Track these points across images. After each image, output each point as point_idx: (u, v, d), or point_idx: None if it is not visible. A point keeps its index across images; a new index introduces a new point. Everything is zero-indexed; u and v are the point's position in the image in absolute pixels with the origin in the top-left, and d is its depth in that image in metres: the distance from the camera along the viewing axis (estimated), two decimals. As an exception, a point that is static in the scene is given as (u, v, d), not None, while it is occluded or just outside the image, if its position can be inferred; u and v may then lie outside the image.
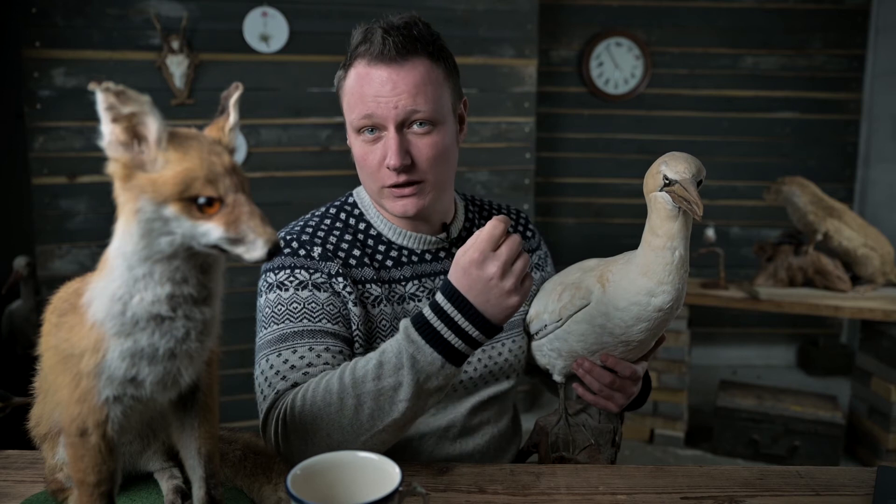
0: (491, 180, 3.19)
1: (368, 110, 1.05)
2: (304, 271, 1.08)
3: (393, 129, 1.05)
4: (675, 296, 0.99)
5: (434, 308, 0.91)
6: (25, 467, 0.99)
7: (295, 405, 0.94)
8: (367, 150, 1.09)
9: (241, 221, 0.61)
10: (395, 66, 1.04)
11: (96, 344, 0.65)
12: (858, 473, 1.00)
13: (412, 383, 0.89)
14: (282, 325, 1.04)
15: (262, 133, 2.90)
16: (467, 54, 3.06)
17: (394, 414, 0.91)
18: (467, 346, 0.91)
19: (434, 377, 0.90)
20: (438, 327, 0.90)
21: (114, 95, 0.59)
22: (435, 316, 0.91)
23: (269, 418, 0.98)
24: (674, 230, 0.97)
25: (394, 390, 0.90)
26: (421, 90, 1.05)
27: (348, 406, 0.91)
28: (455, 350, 0.90)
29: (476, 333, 0.90)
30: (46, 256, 2.76)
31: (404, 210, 1.10)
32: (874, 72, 3.95)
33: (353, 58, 1.08)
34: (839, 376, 3.94)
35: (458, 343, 0.90)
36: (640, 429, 3.13)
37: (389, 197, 1.10)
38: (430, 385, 0.90)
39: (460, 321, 0.90)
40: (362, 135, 1.08)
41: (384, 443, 0.94)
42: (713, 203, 3.98)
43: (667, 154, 0.97)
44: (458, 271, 0.91)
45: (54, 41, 2.68)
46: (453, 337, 0.90)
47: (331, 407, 0.91)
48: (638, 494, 0.94)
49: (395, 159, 1.05)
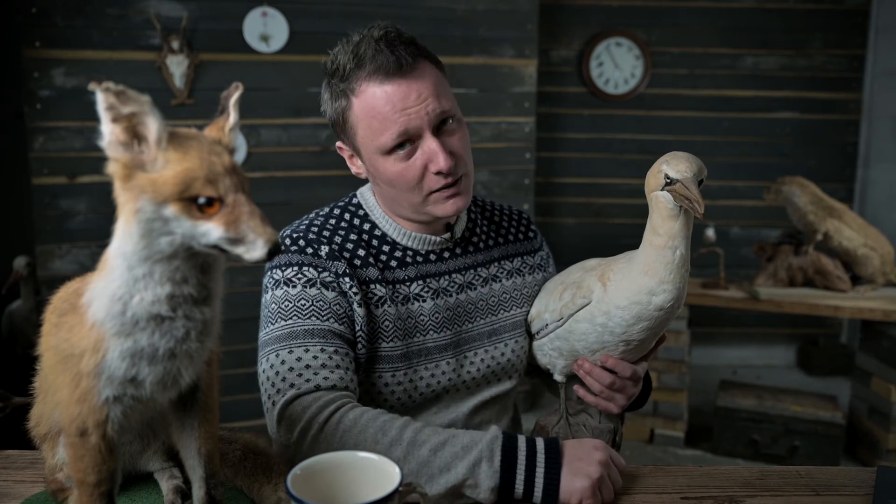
0: (491, 180, 3.19)
1: (401, 127, 1.03)
2: (312, 269, 1.07)
3: (430, 134, 1.04)
4: (676, 295, 0.99)
5: (529, 444, 0.92)
6: (25, 467, 0.99)
7: (342, 423, 0.94)
8: (403, 167, 1.06)
9: (241, 221, 0.61)
10: (411, 75, 1.03)
11: (96, 344, 0.65)
12: (858, 473, 1.00)
13: (461, 478, 0.90)
14: (290, 321, 1.04)
15: (262, 133, 2.90)
16: (467, 54, 3.06)
17: (425, 478, 0.91)
18: (524, 492, 0.90)
19: (475, 490, 0.90)
20: (518, 458, 0.91)
21: (114, 95, 0.59)
22: (525, 450, 0.91)
23: (291, 414, 0.97)
24: (675, 229, 0.97)
25: (440, 471, 0.90)
26: (439, 90, 1.06)
27: (394, 456, 0.90)
28: (509, 489, 0.90)
29: (538, 489, 0.90)
30: (46, 256, 2.76)
31: (457, 208, 1.09)
32: (874, 72, 3.96)
33: (352, 83, 1.05)
34: (839, 376, 3.94)
35: (519, 486, 0.90)
36: (640, 429, 3.13)
37: (438, 201, 1.08)
38: (469, 492, 0.91)
39: (538, 470, 0.90)
40: (394, 154, 1.05)
41: None
42: (713, 203, 3.98)
43: (668, 153, 0.97)
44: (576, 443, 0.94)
45: (54, 41, 2.68)
46: (521, 479, 0.90)
47: (377, 446, 0.92)
48: (638, 494, 0.94)
49: (446, 162, 1.04)
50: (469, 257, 1.20)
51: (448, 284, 1.16)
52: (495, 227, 1.26)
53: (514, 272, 1.24)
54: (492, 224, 1.26)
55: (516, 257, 1.25)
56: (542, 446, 0.92)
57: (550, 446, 0.92)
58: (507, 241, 1.26)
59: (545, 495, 0.90)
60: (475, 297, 1.18)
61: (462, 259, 1.19)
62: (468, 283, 1.18)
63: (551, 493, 0.90)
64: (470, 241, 1.21)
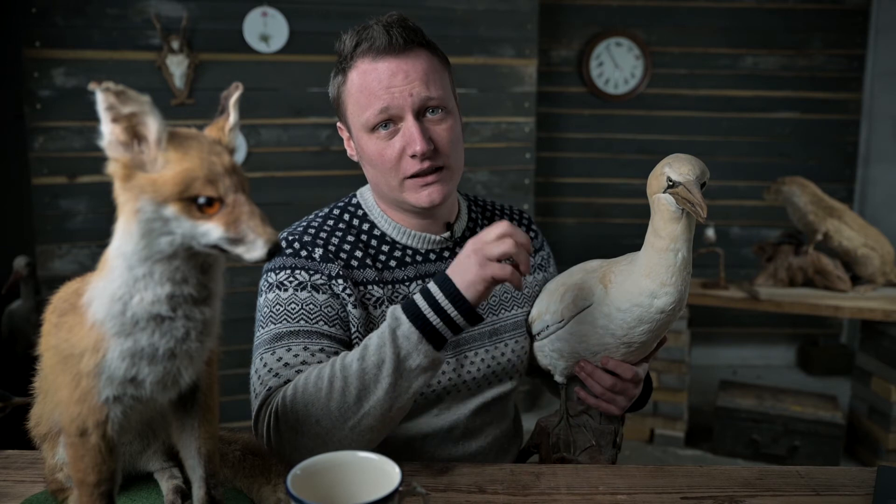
0: (491, 180, 3.19)
1: (384, 103, 1.05)
2: (304, 272, 1.08)
3: (411, 116, 1.06)
4: (677, 297, 0.99)
5: (422, 290, 0.95)
6: (25, 467, 0.99)
7: (286, 396, 0.95)
8: (383, 147, 1.07)
9: (241, 221, 0.61)
10: (402, 56, 1.05)
11: (96, 344, 0.65)
12: (858, 473, 1.00)
13: (393, 358, 0.91)
14: (279, 324, 1.05)
15: (262, 133, 2.90)
16: (467, 54, 3.06)
17: (377, 392, 0.92)
18: (445, 325, 0.93)
19: (413, 354, 0.92)
20: (420, 304, 0.94)
21: (114, 95, 0.59)
22: (420, 296, 0.95)
23: (260, 414, 0.98)
24: (677, 232, 0.96)
25: (377, 367, 0.92)
26: (430, 77, 1.06)
27: (336, 389, 0.92)
28: (433, 328, 0.92)
29: (453, 312, 0.93)
30: (46, 256, 2.76)
31: (430, 199, 1.09)
32: (874, 72, 3.95)
33: (350, 59, 1.08)
34: (839, 376, 3.94)
35: (435, 320, 0.92)
36: (641, 429, 3.13)
37: (413, 189, 1.09)
38: (410, 363, 0.92)
39: (440, 299, 0.93)
40: (376, 132, 1.07)
41: (371, 430, 0.94)
42: (713, 203, 3.97)
43: (670, 156, 0.97)
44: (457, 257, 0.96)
45: (54, 41, 2.67)
46: (431, 314, 0.93)
47: (320, 392, 0.93)
48: (638, 494, 0.94)
49: (421, 144, 1.05)
50: None
51: None
52: None
53: (514, 272, 1.24)
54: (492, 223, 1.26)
55: (517, 257, 1.25)
56: (432, 283, 0.95)
57: (438, 279, 0.94)
58: (508, 241, 1.26)
59: (459, 308, 0.92)
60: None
61: None
62: None
63: (459, 299, 0.92)
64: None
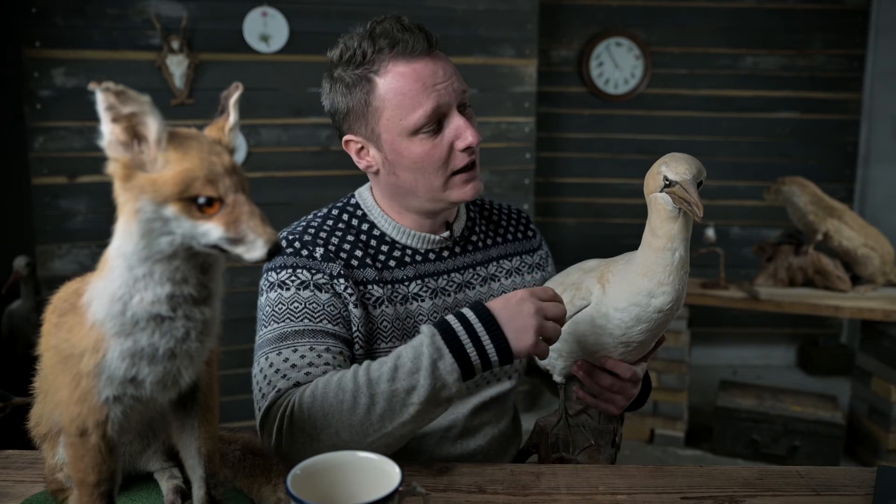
0: (491, 180, 3.19)
1: (433, 102, 1.04)
2: (305, 271, 1.07)
3: (456, 111, 1.07)
4: (675, 297, 0.99)
5: (461, 320, 0.93)
6: (25, 467, 0.99)
7: (303, 402, 0.93)
8: (429, 147, 1.06)
9: (241, 221, 0.61)
10: (433, 55, 1.06)
11: (96, 344, 0.65)
12: (858, 473, 1.00)
13: (428, 388, 0.90)
14: (282, 323, 1.04)
15: (262, 133, 2.90)
16: (467, 54, 3.06)
17: (403, 416, 0.91)
18: (482, 364, 0.92)
19: (448, 387, 0.91)
20: (463, 339, 0.91)
21: (114, 95, 0.59)
22: (462, 328, 0.92)
23: (269, 415, 0.97)
24: (674, 231, 0.96)
25: (407, 393, 0.90)
26: (458, 72, 1.09)
27: (361, 405, 0.91)
28: (471, 365, 0.92)
29: (493, 355, 0.92)
30: (46, 256, 2.76)
31: (476, 190, 1.11)
32: (874, 72, 3.95)
33: (375, 64, 1.05)
34: (839, 376, 3.94)
35: (475, 359, 0.92)
36: (640, 429, 3.12)
37: (459, 185, 1.10)
38: (443, 394, 0.91)
39: (484, 339, 0.92)
40: (419, 135, 1.06)
41: (387, 447, 0.93)
42: (713, 203, 3.98)
43: (667, 155, 0.97)
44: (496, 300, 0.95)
45: (54, 41, 2.67)
46: (473, 352, 0.91)
47: (343, 405, 0.91)
48: (638, 494, 0.94)
49: (475, 136, 1.07)
50: (468, 256, 1.20)
51: (447, 284, 1.16)
52: (494, 227, 1.26)
53: (513, 271, 1.24)
54: (490, 223, 1.26)
55: (515, 256, 1.26)
56: (474, 316, 0.93)
57: (480, 313, 0.93)
58: (506, 241, 1.26)
59: (501, 359, 0.92)
60: (474, 296, 1.18)
61: (461, 258, 1.19)
62: (467, 283, 1.18)
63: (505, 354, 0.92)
64: (469, 240, 1.21)
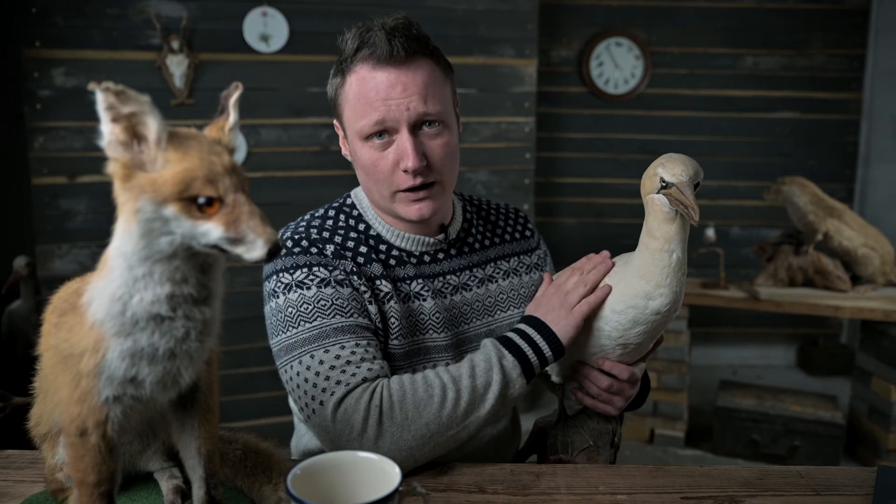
0: (491, 180, 3.19)
1: (379, 115, 1.03)
2: (322, 269, 1.06)
3: (406, 131, 1.05)
4: (672, 299, 0.98)
5: (515, 330, 1.06)
6: (25, 467, 0.99)
7: (392, 395, 0.98)
8: (377, 157, 1.07)
9: (240, 221, 0.61)
10: (403, 67, 1.04)
11: (96, 344, 0.65)
12: (858, 473, 1.00)
13: (500, 383, 1.00)
14: (315, 322, 1.02)
15: (262, 133, 2.90)
16: (467, 54, 3.06)
17: (480, 412, 1.00)
18: (538, 359, 1.04)
19: (513, 383, 1.02)
20: (517, 341, 1.04)
21: (114, 95, 0.59)
22: (515, 335, 1.05)
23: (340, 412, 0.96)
24: (671, 233, 0.96)
25: (485, 388, 1.00)
26: (429, 91, 1.05)
27: (449, 398, 0.98)
28: (529, 362, 1.03)
29: (546, 350, 1.04)
30: (46, 256, 2.76)
31: (420, 214, 1.08)
32: (874, 72, 3.95)
33: (350, 62, 1.06)
34: (839, 376, 3.94)
35: (532, 357, 1.03)
36: (640, 429, 3.12)
37: (404, 202, 1.08)
38: (510, 391, 1.02)
39: (535, 337, 1.04)
40: (370, 141, 1.06)
41: (458, 441, 1.01)
42: (713, 203, 3.98)
43: (664, 156, 0.96)
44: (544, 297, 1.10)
45: (54, 41, 2.67)
46: (529, 350, 1.03)
47: (433, 399, 0.98)
48: (638, 494, 0.94)
49: (414, 161, 1.04)
50: (464, 258, 1.19)
51: (443, 286, 1.15)
52: (491, 227, 1.26)
53: (510, 272, 1.24)
54: (487, 223, 1.26)
55: (513, 257, 1.25)
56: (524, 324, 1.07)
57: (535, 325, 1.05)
58: (504, 241, 1.26)
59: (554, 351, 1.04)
60: (471, 298, 1.18)
61: (457, 260, 1.18)
62: (463, 285, 1.17)
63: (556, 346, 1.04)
64: (465, 242, 1.20)
